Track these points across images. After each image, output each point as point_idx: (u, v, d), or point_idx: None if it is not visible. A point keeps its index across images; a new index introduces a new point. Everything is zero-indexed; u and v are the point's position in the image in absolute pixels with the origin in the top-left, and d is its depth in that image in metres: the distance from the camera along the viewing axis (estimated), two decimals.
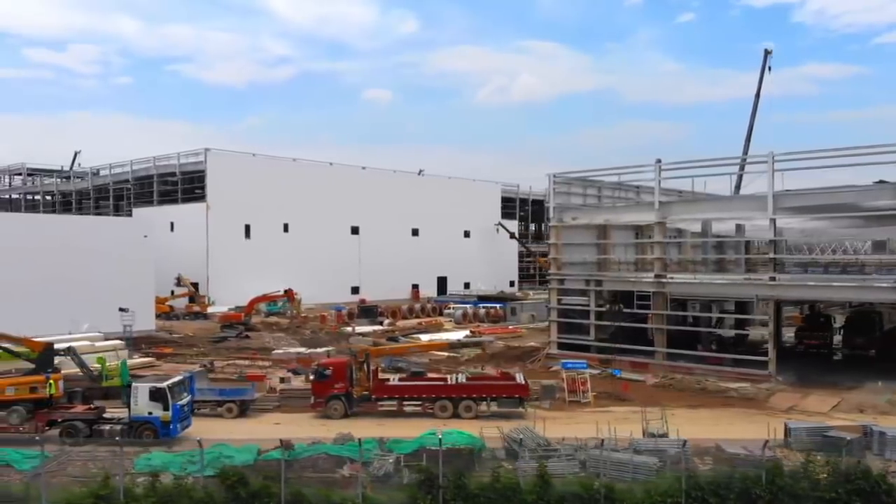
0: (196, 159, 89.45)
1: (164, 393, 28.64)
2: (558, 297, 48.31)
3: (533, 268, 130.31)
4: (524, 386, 33.58)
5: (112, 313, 62.81)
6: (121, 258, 65.30)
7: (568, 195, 49.77)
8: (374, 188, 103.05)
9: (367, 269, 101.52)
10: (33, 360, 30.19)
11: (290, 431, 31.68)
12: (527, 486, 19.36)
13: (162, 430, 28.67)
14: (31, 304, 58.62)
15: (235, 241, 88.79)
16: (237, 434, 30.75)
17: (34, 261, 60.25)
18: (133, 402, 28.72)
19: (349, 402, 33.44)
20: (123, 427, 28.79)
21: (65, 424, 28.77)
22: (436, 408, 33.00)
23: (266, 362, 49.11)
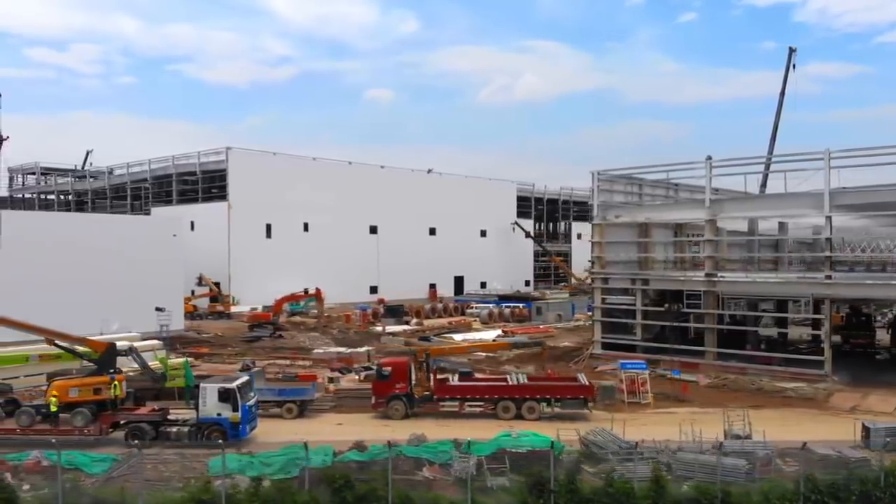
0: (217, 158, 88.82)
1: (233, 393, 28.09)
2: (602, 297, 47.72)
3: (548, 267, 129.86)
4: (590, 387, 33.06)
5: (142, 313, 62.24)
6: (150, 257, 64.80)
7: (610, 193, 49.21)
8: (391, 187, 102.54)
9: (385, 269, 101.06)
10: (95, 361, 29.59)
11: (354, 432, 31.15)
12: (640, 490, 18.84)
13: (231, 432, 28.10)
14: (61, 304, 57.98)
15: (256, 240, 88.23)
16: (302, 435, 30.09)
17: (63, 259, 59.73)
18: (201, 403, 28.14)
19: (410, 403, 32.90)
20: (191, 429, 28.21)
21: (131, 427, 28.15)
22: (498, 409, 32.48)
23: (306, 362, 48.56)
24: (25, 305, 56.47)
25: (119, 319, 60.75)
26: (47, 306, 57.50)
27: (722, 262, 51.73)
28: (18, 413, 28.17)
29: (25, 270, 56.62)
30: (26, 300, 56.55)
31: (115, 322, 60.79)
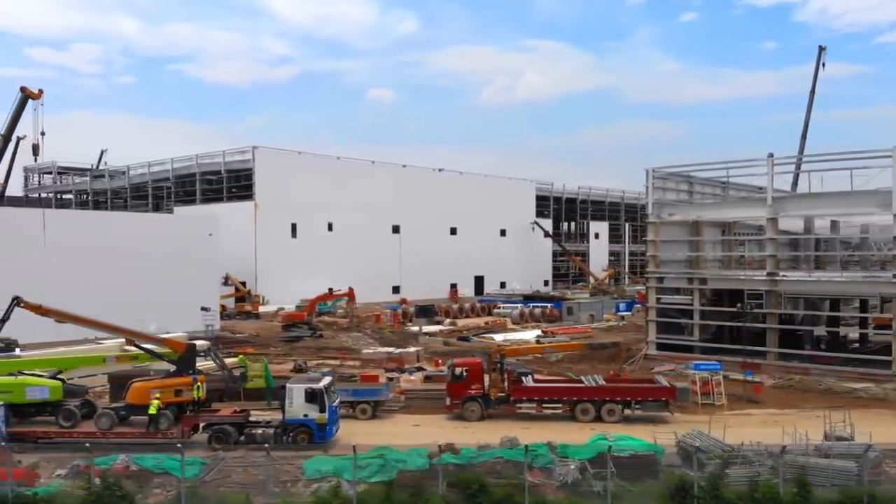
0: (242, 157, 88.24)
1: (320, 394, 27.46)
2: (657, 296, 47.14)
3: (565, 267, 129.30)
4: (671, 389, 32.45)
5: (178, 312, 61.73)
6: (185, 256, 64.28)
7: (663, 191, 48.65)
8: (413, 187, 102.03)
9: (406, 269, 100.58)
10: (175, 362, 28.95)
11: (434, 434, 30.52)
12: (785, 495, 18.27)
13: (318, 433, 27.50)
14: (99, 303, 57.44)
15: (282, 240, 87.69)
16: (384, 437, 29.54)
17: (100, 258, 59.19)
18: (287, 405, 27.51)
19: (486, 404, 32.29)
20: (277, 431, 27.58)
21: (214, 429, 27.50)
22: (576, 411, 31.88)
23: (355, 362, 47.93)
24: (67, 304, 56.18)
25: (155, 319, 60.22)
26: (87, 305, 57.01)
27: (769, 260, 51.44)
28: (98, 416, 27.53)
29: (66, 269, 56.07)
30: (67, 299, 56.18)
31: (151, 322, 60.22)
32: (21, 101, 47.51)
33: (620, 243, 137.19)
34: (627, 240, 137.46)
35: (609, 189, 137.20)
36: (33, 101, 47.94)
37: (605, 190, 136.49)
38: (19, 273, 53.10)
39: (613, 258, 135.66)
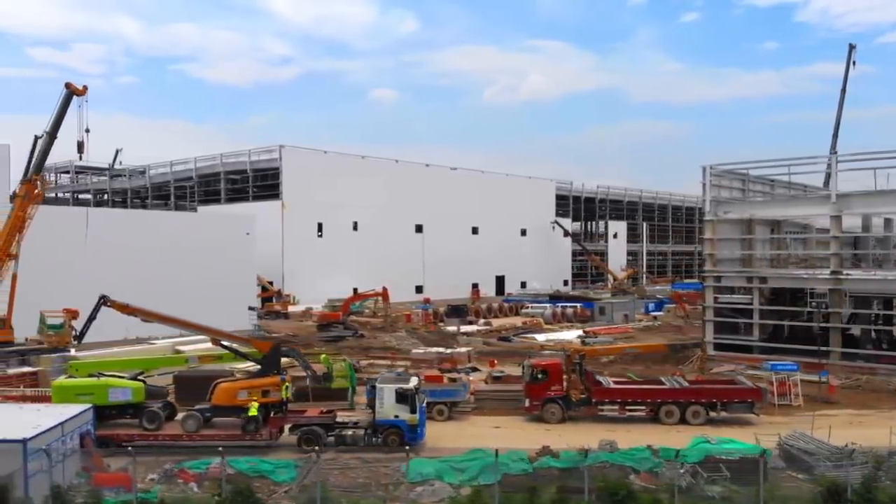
0: (269, 156, 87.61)
1: (411, 395, 26.83)
2: (714, 295, 46.52)
3: (584, 267, 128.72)
4: (757, 390, 31.84)
5: (217, 311, 60.95)
6: (223, 255, 63.69)
7: (718, 188, 48.03)
8: (435, 186, 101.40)
9: (429, 268, 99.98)
10: (259, 361, 28.31)
11: (518, 436, 29.98)
12: None
13: (408, 435, 26.86)
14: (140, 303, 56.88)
15: (308, 239, 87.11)
16: (468, 439, 28.89)
17: (139, 257, 58.58)
18: (378, 405, 26.86)
19: (566, 406, 31.66)
20: (366, 432, 26.94)
21: (303, 430, 26.82)
22: (661, 413, 31.26)
23: (405, 362, 47.24)
24: None
25: (194, 318, 59.56)
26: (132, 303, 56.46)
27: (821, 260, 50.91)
28: (185, 418, 26.88)
29: (108, 267, 55.42)
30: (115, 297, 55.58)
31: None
32: (65, 98, 46.55)
33: (638, 243, 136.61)
34: (645, 239, 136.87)
35: (627, 188, 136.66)
36: (78, 97, 46.90)
37: (624, 189, 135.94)
38: (63, 271, 52.69)
39: (631, 258, 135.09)
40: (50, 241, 50.20)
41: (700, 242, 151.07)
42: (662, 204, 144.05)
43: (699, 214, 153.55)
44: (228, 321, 59.04)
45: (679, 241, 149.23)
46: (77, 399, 26.03)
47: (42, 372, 38.47)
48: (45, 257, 48.99)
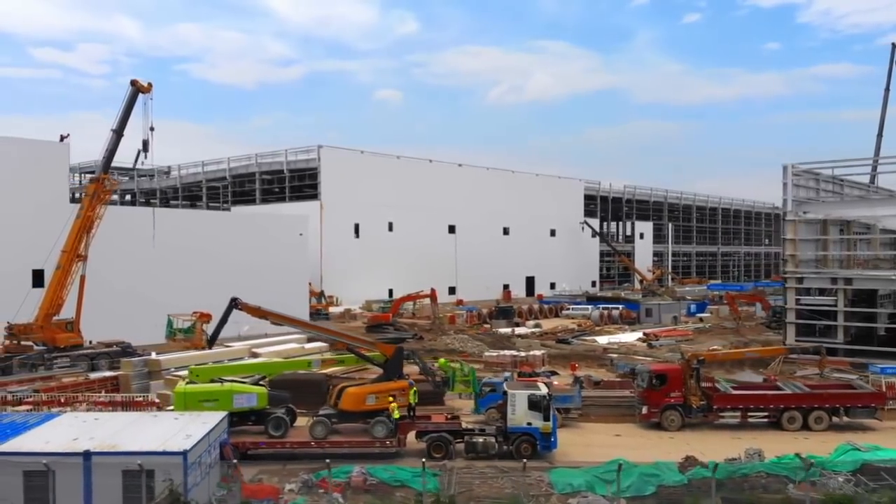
0: (306, 157, 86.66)
1: (545, 401, 25.89)
2: (796, 297, 45.61)
3: (611, 267, 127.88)
4: (880, 394, 31.00)
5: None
6: (276, 255, 62.78)
7: (797, 188, 47.13)
8: (468, 186, 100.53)
9: (461, 269, 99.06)
10: (382, 365, 27.36)
11: (643, 444, 29.09)
12: None
13: (542, 443, 25.91)
14: (191, 304, 55.96)
15: (346, 240, 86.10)
16: (596, 448, 28.09)
17: (199, 257, 57.74)
18: (510, 412, 25.90)
19: (686, 413, 30.72)
20: (498, 439, 25.98)
21: (433, 437, 25.86)
22: (783, 419, 30.35)
23: (478, 364, 46.24)
24: (173, 303, 54.63)
25: (249, 321, 58.62)
26: (190, 304, 55.49)
27: (875, 261, 50.10)
28: (313, 424, 25.88)
29: (172, 267, 54.69)
30: (173, 297, 54.62)
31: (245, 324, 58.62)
32: (132, 96, 45.54)
33: (663, 243, 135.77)
34: (671, 240, 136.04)
35: (653, 188, 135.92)
36: (143, 95, 45.96)
37: (650, 189, 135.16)
38: (131, 272, 51.81)
39: (657, 258, 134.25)
40: (120, 241, 49.41)
41: (724, 243, 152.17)
42: (686, 204, 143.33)
43: (723, 214, 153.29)
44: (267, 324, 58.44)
45: (702, 242, 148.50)
46: (201, 405, 25.10)
47: (124, 376, 37.53)
48: (111, 258, 48.04)
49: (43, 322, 41.89)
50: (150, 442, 20.06)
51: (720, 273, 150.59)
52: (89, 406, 33.63)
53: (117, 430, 21.21)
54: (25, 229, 48.17)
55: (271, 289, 59.92)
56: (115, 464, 19.09)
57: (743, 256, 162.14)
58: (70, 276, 42.79)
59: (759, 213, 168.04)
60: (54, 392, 34.46)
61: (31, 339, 42.05)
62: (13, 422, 22.34)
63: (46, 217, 48.53)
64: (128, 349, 45.22)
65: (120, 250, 49.92)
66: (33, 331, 41.81)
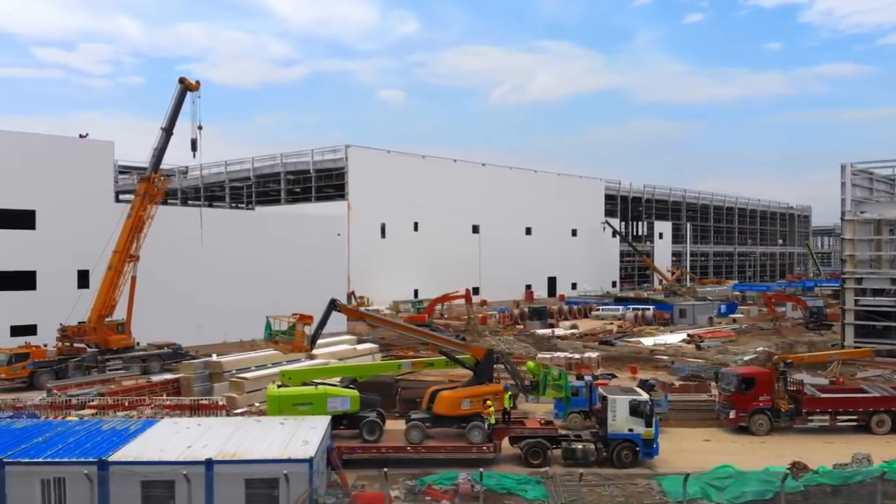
0: (333, 156, 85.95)
1: (647, 406, 25.20)
2: (855, 298, 44.96)
3: (631, 268, 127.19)
4: None
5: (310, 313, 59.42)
6: (315, 255, 62.16)
7: (853, 187, 46.49)
8: (491, 186, 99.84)
9: (485, 269, 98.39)
10: (473, 368, 26.69)
11: (739, 450, 28.24)
12: None
13: (643, 450, 25.20)
14: (233, 305, 55.35)
15: (372, 240, 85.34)
16: (690, 453, 27.31)
17: (243, 257, 57.14)
18: (610, 418, 25.21)
19: (775, 416, 30.04)
20: (597, 445, 25.30)
21: (530, 443, 25.16)
22: (872, 422, 29.68)
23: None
24: (221, 304, 54.03)
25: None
26: (236, 304, 54.91)
27: None
28: (409, 428, 25.19)
29: (218, 268, 54.10)
30: (220, 298, 54.05)
31: (287, 325, 57.92)
32: (180, 93, 44.87)
33: (682, 243, 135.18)
34: (689, 240, 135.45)
35: (672, 188, 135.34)
36: (191, 92, 45.27)
37: (669, 189, 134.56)
38: (180, 272, 51.14)
39: (675, 258, 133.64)
40: (169, 242, 48.80)
41: (743, 242, 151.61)
42: (704, 204, 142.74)
43: (739, 214, 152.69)
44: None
45: (719, 242, 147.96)
46: (295, 409, 24.40)
47: (186, 378, 36.83)
48: (157, 258, 47.32)
49: (95, 324, 41.20)
50: (270, 449, 19.37)
51: (736, 273, 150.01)
52: (155, 410, 33.01)
53: (226, 436, 20.50)
54: (70, 229, 47.52)
55: (310, 290, 59.39)
56: (237, 472, 18.38)
57: (758, 257, 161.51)
58: (122, 276, 42.10)
59: (774, 213, 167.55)
60: (119, 395, 33.72)
61: (84, 341, 41.33)
62: (113, 429, 21.62)
63: (91, 216, 47.97)
64: (178, 350, 44.60)
65: (165, 250, 49.16)
66: (86, 332, 41.08)
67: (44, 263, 46.63)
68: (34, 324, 45.80)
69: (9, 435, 20.94)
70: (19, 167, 46.20)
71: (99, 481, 18.10)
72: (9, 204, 45.83)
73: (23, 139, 47.19)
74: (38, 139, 47.64)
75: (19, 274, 45.96)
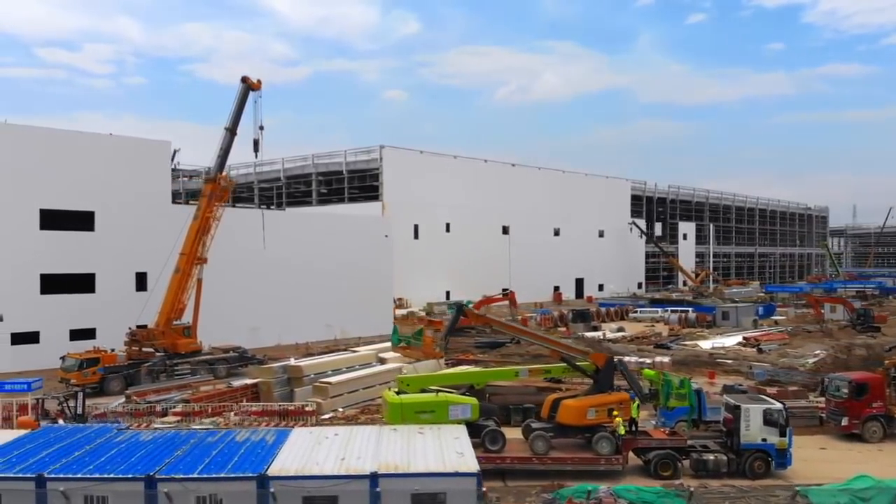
0: (367, 157, 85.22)
1: (781, 415, 24.36)
2: None
3: (655, 269, 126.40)
4: None
5: (361, 315, 59.08)
6: (362, 256, 61.39)
7: None
8: (520, 186, 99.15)
9: (514, 271, 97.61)
10: (593, 376, 25.86)
11: (858, 458, 27.45)
12: None
13: (777, 460, 24.35)
14: (286, 307, 54.63)
15: (406, 241, 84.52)
16: (813, 462, 26.51)
17: (299, 258, 56.40)
18: (743, 427, 24.35)
19: (889, 423, 29.21)
20: (729, 457, 24.45)
21: (660, 454, 24.29)
22: None
23: None
24: (281, 306, 53.23)
25: (340, 322, 57.36)
26: (289, 307, 54.14)
27: None
28: (533, 438, 24.31)
29: (279, 269, 53.38)
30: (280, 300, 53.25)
31: (337, 328, 57.33)
32: (243, 92, 44.08)
33: (705, 244, 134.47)
34: (711, 240, 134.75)
35: (695, 188, 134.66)
36: (253, 92, 44.46)
37: (692, 189, 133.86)
38: (237, 274, 50.35)
39: (698, 259, 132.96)
40: (234, 242, 48.05)
41: (763, 243, 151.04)
42: (726, 205, 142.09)
43: (759, 215, 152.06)
44: (370, 324, 57.25)
45: (741, 243, 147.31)
46: (416, 417, 23.50)
47: (265, 384, 35.95)
48: (223, 259, 46.46)
49: (164, 327, 40.35)
50: (428, 461, 18.53)
51: (756, 274, 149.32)
52: (241, 416, 32.21)
53: (373, 447, 19.64)
54: (129, 231, 46.73)
55: (357, 292, 58.95)
56: (403, 487, 17.51)
57: (778, 257, 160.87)
58: (190, 279, 41.27)
59: (793, 214, 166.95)
60: (202, 402, 32.89)
61: (153, 345, 40.50)
62: (249, 440, 20.77)
63: (149, 218, 47.19)
64: (244, 354, 43.82)
65: (223, 252, 48.38)
66: (155, 336, 40.25)
67: (103, 266, 45.79)
68: (93, 327, 44.92)
69: (140, 447, 20.11)
70: (79, 167, 45.35)
71: (258, 499, 17.25)
72: (69, 205, 44.96)
73: (82, 139, 46.35)
74: (98, 139, 46.80)
75: (79, 277, 45.09)
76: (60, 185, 44.52)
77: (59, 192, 44.55)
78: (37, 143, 44.27)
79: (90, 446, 20.10)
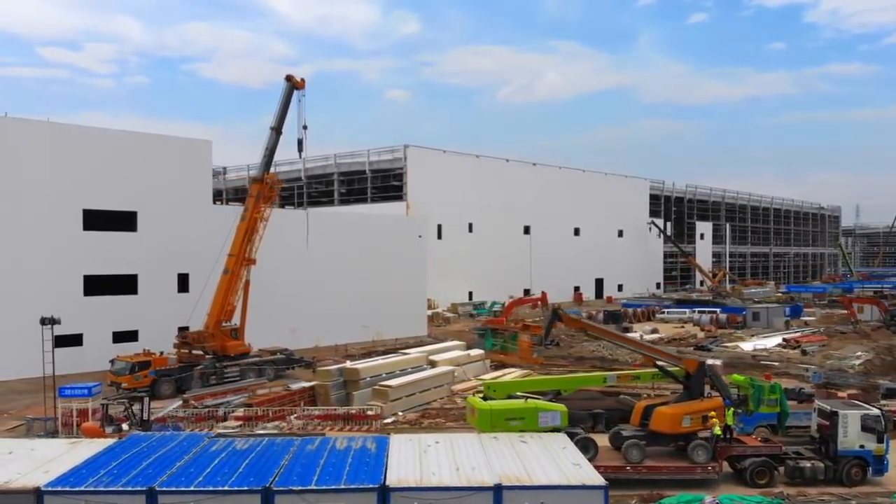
0: (390, 157, 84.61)
1: (880, 421, 23.79)
2: None
3: (672, 269, 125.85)
4: None
5: (397, 316, 58.58)
6: (398, 257, 60.78)
7: None
8: (542, 186, 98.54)
9: (535, 271, 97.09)
10: (684, 382, 25.27)
11: None
12: None
13: (874, 467, 23.79)
14: (324, 308, 54.05)
15: (430, 241, 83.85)
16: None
17: (338, 259, 55.85)
18: (841, 434, 23.79)
19: None
20: (826, 464, 23.87)
21: (755, 462, 23.69)
22: None
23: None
24: (322, 307, 52.65)
25: (375, 323, 56.79)
26: (329, 307, 53.55)
27: None
28: (628, 446, 23.72)
29: (320, 269, 52.80)
30: (307, 303, 52.61)
31: (373, 329, 56.73)
32: (287, 91, 43.45)
33: (721, 244, 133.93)
34: (728, 240, 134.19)
35: (712, 188, 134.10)
36: (298, 91, 43.82)
37: (709, 189, 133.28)
38: (279, 275, 49.77)
39: (715, 259, 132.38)
40: (279, 244, 47.48)
41: (777, 243, 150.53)
42: (742, 204, 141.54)
43: (774, 214, 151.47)
44: (404, 325, 56.68)
45: (756, 243, 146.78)
46: (506, 424, 22.85)
47: (322, 387, 35.37)
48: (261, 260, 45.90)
49: (214, 329, 39.74)
50: (546, 472, 17.89)
51: (772, 274, 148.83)
52: (304, 420, 31.63)
53: (483, 455, 19.02)
54: (171, 231, 46.08)
55: (391, 292, 58.29)
56: (528, 500, 16.85)
57: (792, 257, 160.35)
58: (239, 280, 40.67)
59: (807, 214, 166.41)
60: (264, 405, 32.30)
61: (203, 347, 39.89)
62: (350, 447, 20.10)
63: (191, 218, 46.61)
64: (291, 356, 43.25)
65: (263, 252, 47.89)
66: (206, 339, 39.63)
67: (145, 267, 45.16)
68: (135, 330, 44.34)
69: (241, 456, 19.45)
70: (121, 167, 44.72)
71: None
72: (112, 205, 44.33)
73: (125, 138, 45.66)
74: (141, 138, 46.14)
75: (122, 278, 44.47)
76: (103, 185, 43.89)
77: (101, 191, 43.92)
78: (79, 142, 43.62)
79: (189, 456, 19.43)
